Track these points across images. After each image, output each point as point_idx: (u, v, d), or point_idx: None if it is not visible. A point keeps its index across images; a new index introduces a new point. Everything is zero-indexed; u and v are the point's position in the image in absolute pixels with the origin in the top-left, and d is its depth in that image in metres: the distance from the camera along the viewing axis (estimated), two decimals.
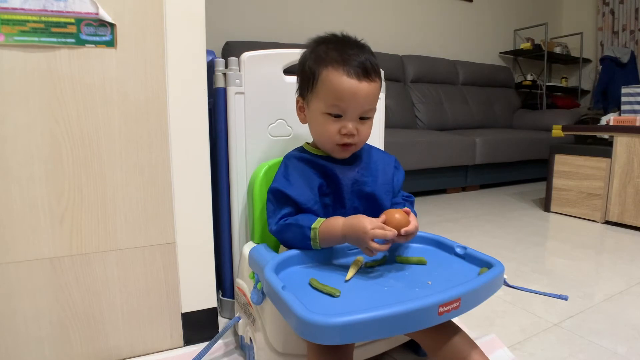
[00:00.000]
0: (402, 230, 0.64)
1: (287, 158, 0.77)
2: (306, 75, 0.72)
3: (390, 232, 0.62)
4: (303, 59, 0.75)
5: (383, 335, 0.51)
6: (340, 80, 0.67)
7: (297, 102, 0.77)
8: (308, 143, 0.80)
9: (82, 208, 0.77)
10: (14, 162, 0.71)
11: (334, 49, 0.69)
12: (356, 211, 0.72)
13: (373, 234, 0.62)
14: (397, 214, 0.65)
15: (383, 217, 0.65)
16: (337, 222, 0.66)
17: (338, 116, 0.69)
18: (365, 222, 0.63)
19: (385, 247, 0.63)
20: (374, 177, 0.76)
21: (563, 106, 3.78)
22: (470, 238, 1.72)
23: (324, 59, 0.69)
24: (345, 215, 0.69)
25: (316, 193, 0.72)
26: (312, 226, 0.67)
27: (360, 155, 0.77)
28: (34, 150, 0.72)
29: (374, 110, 0.72)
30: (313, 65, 0.71)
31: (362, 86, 0.67)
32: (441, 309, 0.52)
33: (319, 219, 0.68)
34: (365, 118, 0.71)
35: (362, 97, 0.68)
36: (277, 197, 0.72)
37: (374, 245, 0.62)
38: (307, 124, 0.77)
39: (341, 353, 0.60)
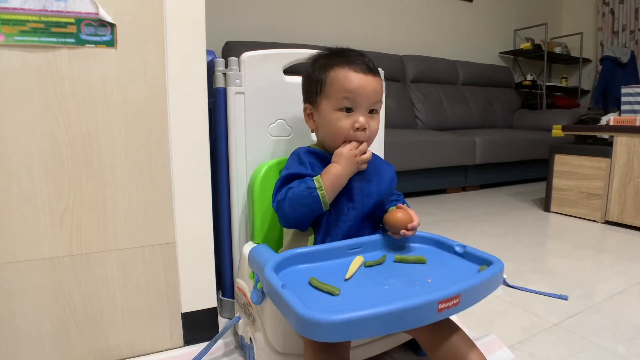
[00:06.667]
0: (409, 226, 0.72)
1: (299, 150, 0.78)
2: (313, 83, 0.75)
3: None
4: (308, 72, 0.78)
5: (383, 332, 0.51)
6: (348, 75, 0.72)
7: (305, 109, 0.79)
8: (315, 144, 0.81)
9: (82, 208, 0.77)
10: (14, 162, 0.71)
11: (337, 55, 0.75)
12: (364, 207, 0.75)
13: (355, 153, 0.71)
14: (399, 214, 0.74)
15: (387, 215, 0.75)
16: (332, 165, 0.71)
17: (349, 110, 0.72)
18: (346, 147, 0.72)
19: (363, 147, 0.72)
20: (380, 176, 0.79)
21: (563, 106, 3.78)
22: (470, 238, 1.71)
23: (330, 63, 0.74)
24: (354, 208, 0.74)
25: None
26: (315, 178, 0.70)
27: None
28: (34, 150, 0.72)
29: (381, 103, 0.76)
30: (320, 72, 0.75)
31: (369, 79, 0.72)
32: (441, 306, 0.52)
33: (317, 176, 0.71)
34: (374, 112, 0.75)
35: (371, 88, 0.72)
36: (290, 180, 0.73)
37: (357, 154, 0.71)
38: (307, 129, 0.78)
39: (337, 351, 0.61)
